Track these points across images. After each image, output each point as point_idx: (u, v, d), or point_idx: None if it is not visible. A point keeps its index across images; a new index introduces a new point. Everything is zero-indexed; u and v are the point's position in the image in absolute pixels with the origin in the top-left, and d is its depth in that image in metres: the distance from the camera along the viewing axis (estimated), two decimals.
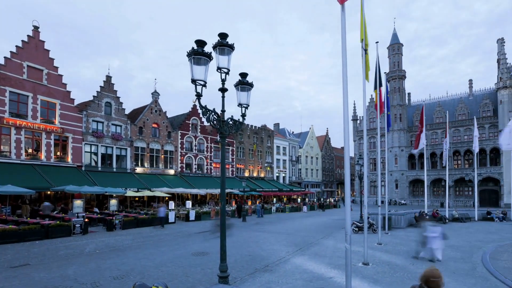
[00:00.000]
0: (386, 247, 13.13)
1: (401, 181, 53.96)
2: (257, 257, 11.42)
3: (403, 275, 8.94)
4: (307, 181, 62.32)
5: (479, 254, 11.59)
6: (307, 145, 63.60)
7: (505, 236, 16.40)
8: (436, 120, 53.04)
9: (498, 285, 7.98)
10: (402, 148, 53.99)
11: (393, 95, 53.54)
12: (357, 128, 61.09)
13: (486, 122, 47.88)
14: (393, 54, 55.30)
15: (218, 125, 6.38)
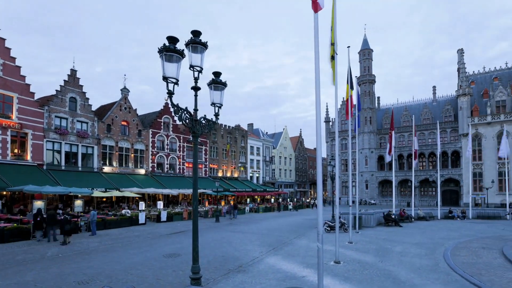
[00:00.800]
0: (356, 246, 13.62)
1: (371, 182, 56.20)
2: (231, 257, 11.40)
3: (372, 272, 9.31)
4: (281, 182, 63.10)
5: (441, 251, 12.36)
6: (281, 146, 64.40)
7: (464, 234, 17.61)
8: (403, 123, 55.81)
9: (457, 279, 8.55)
10: (372, 149, 56.25)
11: (363, 98, 55.64)
12: (330, 130, 62.75)
13: (448, 126, 51.15)
14: (363, 59, 57.49)
15: (191, 124, 6.30)
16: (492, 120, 44.51)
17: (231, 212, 29.23)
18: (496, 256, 11.20)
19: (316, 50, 6.27)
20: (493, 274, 8.88)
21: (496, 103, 45.58)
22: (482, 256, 11.27)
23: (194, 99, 6.44)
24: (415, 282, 8.27)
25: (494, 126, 44.42)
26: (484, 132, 45.16)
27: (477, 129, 45.31)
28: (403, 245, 13.77)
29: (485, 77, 49.83)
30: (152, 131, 35.76)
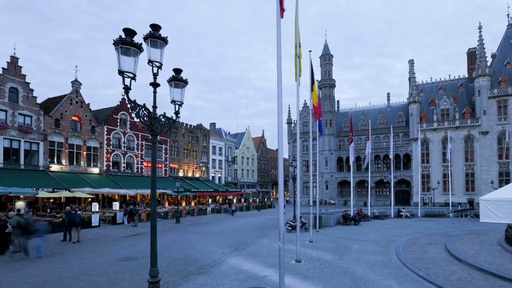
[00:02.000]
0: (317, 245, 14.10)
1: (331, 182, 58.58)
2: (192, 259, 11.17)
3: (332, 269, 9.70)
4: (243, 182, 63.28)
5: (394, 247, 13.25)
6: (243, 146, 64.62)
7: (414, 231, 19.06)
8: (360, 127, 59.01)
9: (408, 273, 9.23)
10: (332, 151, 58.66)
11: (324, 101, 57.84)
12: (291, 131, 64.25)
13: (400, 131, 55.11)
14: (324, 64, 59.80)
15: (149, 122, 6.06)
16: (438, 126, 48.79)
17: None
18: (440, 251, 12.28)
19: (278, 54, 6.47)
20: (438, 267, 9.72)
21: (441, 111, 50.05)
22: (429, 251, 12.28)
23: (153, 95, 6.20)
24: (370, 278, 8.76)
25: (439, 132, 48.71)
26: (431, 137, 49.32)
27: (425, 134, 49.35)
28: (360, 243, 14.53)
29: (432, 87, 54.48)
30: (108, 128, 33.82)
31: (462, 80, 52.67)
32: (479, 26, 47.00)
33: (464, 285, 7.92)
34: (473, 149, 46.54)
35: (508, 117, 44.31)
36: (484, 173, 45.31)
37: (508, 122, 44.11)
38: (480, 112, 45.69)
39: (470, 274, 8.93)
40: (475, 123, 46.20)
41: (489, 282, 8.20)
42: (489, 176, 44.68)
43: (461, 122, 47.30)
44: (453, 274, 8.93)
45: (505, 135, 43.23)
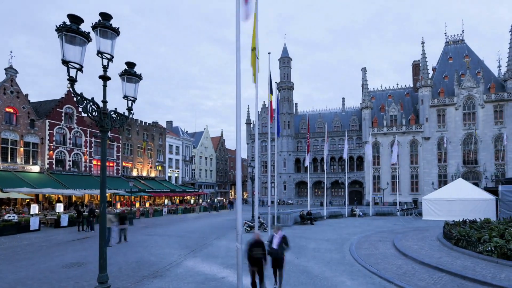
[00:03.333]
0: None
1: (289, 183, 60.06)
2: (146, 263, 10.68)
3: (289, 268, 9.91)
4: (201, 182, 62.28)
5: (347, 245, 13.95)
6: (202, 146, 63.62)
7: (365, 229, 20.26)
8: (317, 129, 61.39)
9: (360, 269, 9.78)
10: (290, 152, 60.20)
11: (282, 103, 59.16)
12: (250, 132, 64.68)
13: (354, 134, 58.40)
14: (283, 67, 61.23)
15: (98, 117, 5.68)
16: (387, 131, 52.62)
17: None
18: (389, 247, 13.20)
19: (237, 55, 6.49)
20: (387, 263, 10.44)
21: (390, 117, 54.07)
22: (379, 248, 13.14)
23: (103, 89, 5.82)
24: (326, 275, 9.12)
25: (388, 136, 52.52)
26: (381, 141, 52.96)
27: (376, 138, 52.86)
28: (316, 242, 15.07)
29: (382, 94, 58.59)
30: (50, 122, 31.02)
31: (408, 89, 57.35)
32: (422, 41, 51.72)
33: (409, 278, 8.59)
34: (417, 152, 50.89)
35: (446, 124, 49.23)
36: (426, 175, 49.79)
37: (446, 130, 49.03)
38: (423, 119, 50.14)
39: (414, 268, 9.72)
40: (419, 129, 50.57)
41: (429, 274, 8.99)
42: (431, 177, 49.22)
43: (407, 128, 51.45)
44: (399, 268, 9.65)
45: (443, 141, 48.10)
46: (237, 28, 6.59)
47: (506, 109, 46.88)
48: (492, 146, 47.18)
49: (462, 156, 48.38)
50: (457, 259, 10.37)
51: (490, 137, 47.23)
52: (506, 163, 46.38)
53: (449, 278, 8.52)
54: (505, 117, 46.80)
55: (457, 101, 48.61)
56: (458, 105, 48.68)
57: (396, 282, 8.19)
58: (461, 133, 48.48)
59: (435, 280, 8.42)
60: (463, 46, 53.97)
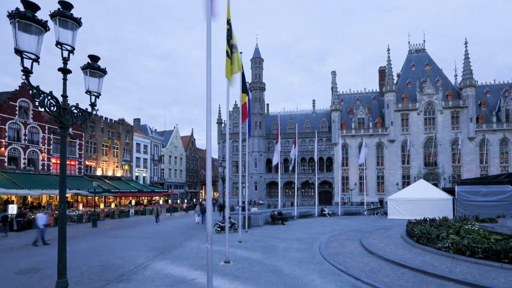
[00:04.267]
0: (246, 245, 14.32)
1: (260, 183, 60.37)
2: (111, 266, 10.22)
3: (260, 268, 9.95)
4: (170, 182, 60.86)
5: (317, 244, 14.26)
6: (171, 145, 62.22)
7: (334, 228, 20.84)
8: (288, 130, 62.34)
9: (329, 268, 10.03)
10: (261, 153, 60.54)
11: (254, 104, 59.44)
12: (221, 131, 64.29)
13: (324, 136, 60.00)
14: (255, 67, 61.52)
15: (57, 112, 5.36)
16: (355, 133, 54.66)
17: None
18: (356, 246, 13.68)
19: (208, 54, 6.45)
20: (354, 260, 10.80)
21: (358, 120, 56.22)
22: (347, 246, 13.57)
23: (63, 83, 5.50)
24: (296, 274, 9.26)
25: (356, 138, 54.56)
26: (350, 143, 54.88)
27: (345, 140, 54.71)
28: (287, 242, 15.26)
29: (351, 97, 60.77)
30: (2, 117, 28.76)
31: (375, 93, 59.94)
32: (388, 49, 54.51)
33: (374, 275, 8.95)
34: (383, 154, 53.34)
35: (409, 128, 52.12)
36: (391, 176, 52.33)
37: (409, 133, 51.92)
38: (389, 123, 52.69)
39: (379, 265, 10.14)
40: (385, 132, 53.05)
41: (393, 270, 9.43)
42: (395, 178, 51.80)
43: (374, 131, 53.75)
44: (366, 266, 10.03)
45: (407, 144, 50.93)
46: (208, 25, 6.52)
47: (461, 115, 50.56)
48: (449, 150, 50.66)
49: (424, 158, 51.47)
50: (419, 256, 10.98)
51: (448, 141, 50.69)
52: (461, 165, 50.01)
53: (411, 274, 8.99)
54: (461, 123, 50.47)
55: (419, 107, 51.63)
56: (420, 110, 51.71)
57: (363, 279, 8.49)
58: (422, 136, 51.53)
59: (398, 275, 8.84)
60: (424, 55, 57.47)
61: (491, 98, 53.24)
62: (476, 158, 50.15)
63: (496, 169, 48.48)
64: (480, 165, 49.96)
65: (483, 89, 53.68)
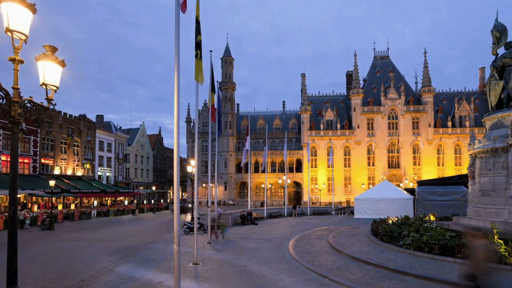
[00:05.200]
0: (215, 245, 14.17)
1: (230, 183, 60.16)
2: (69, 272, 9.64)
3: (230, 269, 9.90)
4: (136, 182, 58.77)
5: (286, 244, 14.45)
6: (137, 143, 60.11)
7: (304, 228, 21.20)
8: (259, 130, 62.80)
9: (298, 267, 10.21)
10: (231, 153, 60.39)
11: (224, 103, 59.22)
12: (191, 130, 63.23)
13: (294, 137, 61.18)
14: (225, 66, 61.30)
15: (7, 106, 4.97)
16: (324, 135, 56.33)
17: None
18: (325, 245, 14.05)
19: (176, 50, 6.35)
20: (323, 259, 11.09)
21: (326, 122, 57.97)
22: (315, 245, 13.89)
23: (14, 74, 5.10)
24: (265, 274, 9.32)
25: (325, 139, 56.23)
26: (318, 144, 56.41)
27: (314, 141, 56.13)
28: (256, 242, 15.32)
29: (320, 99, 62.46)
30: None
31: (342, 96, 62.11)
32: (355, 54, 56.90)
33: (342, 272, 9.25)
34: (350, 156, 55.43)
35: (374, 131, 54.66)
36: (357, 177, 54.51)
37: (374, 135, 54.46)
38: (355, 125, 54.87)
39: (346, 262, 10.50)
40: (352, 134, 55.16)
41: (359, 267, 9.81)
42: (361, 179, 54.02)
43: (341, 133, 55.70)
44: (334, 264, 10.33)
45: (372, 146, 53.35)
46: (176, 21, 6.42)
47: (421, 120, 53.95)
48: (411, 152, 53.80)
49: (387, 160, 54.18)
50: (383, 253, 11.51)
51: (409, 144, 53.80)
52: (421, 167, 53.33)
53: (376, 270, 9.40)
54: (421, 127, 53.83)
55: (383, 111, 54.32)
56: (384, 114, 54.41)
57: (330, 277, 8.74)
58: (386, 139, 54.23)
59: (364, 273, 9.20)
60: (388, 61, 60.62)
61: (446, 104, 57.36)
62: (434, 160, 53.74)
63: (451, 171, 52.26)
64: (438, 167, 53.62)
65: (440, 97, 57.65)
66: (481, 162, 13.05)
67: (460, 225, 13.38)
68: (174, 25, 6.49)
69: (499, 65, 13.20)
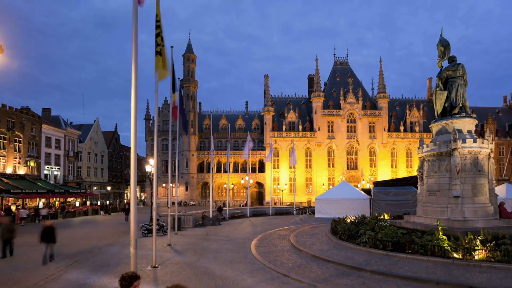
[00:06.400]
0: (175, 247, 13.82)
1: (191, 184, 58.99)
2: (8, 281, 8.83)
3: (191, 271, 9.72)
4: (90, 182, 55.30)
5: (249, 244, 14.50)
6: (91, 140, 56.55)
7: (266, 228, 21.35)
8: (221, 130, 62.45)
9: (260, 267, 10.31)
10: (192, 152, 59.29)
11: (186, 101, 58.10)
12: (150, 128, 61.06)
13: (256, 137, 61.72)
14: (187, 63, 60.17)
15: None
16: (286, 136, 57.57)
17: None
18: (287, 244, 14.33)
19: (134, 44, 6.14)
20: (284, 258, 11.31)
21: (288, 123, 59.26)
22: (277, 245, 14.11)
23: None
24: (227, 275, 9.28)
25: (287, 140, 57.45)
26: (281, 145, 57.45)
27: (276, 141, 57.07)
28: (218, 243, 15.19)
29: (282, 101, 63.59)
30: None
31: (304, 99, 63.87)
32: (316, 58, 59.08)
33: (302, 271, 9.50)
34: (311, 157, 57.19)
35: (334, 133, 57.05)
36: (318, 177, 56.40)
37: (334, 138, 56.81)
38: (316, 127, 56.81)
39: (307, 261, 10.81)
40: (313, 136, 57.01)
41: (319, 265, 10.16)
42: (322, 179, 55.99)
43: (303, 134, 57.32)
44: (295, 263, 10.58)
45: (332, 148, 55.60)
46: (134, 13, 6.18)
47: (377, 124, 57.39)
48: (367, 154, 56.91)
49: (346, 162, 56.79)
50: (341, 251, 12.02)
51: (366, 147, 56.87)
52: (377, 168, 56.67)
53: (335, 268, 9.79)
54: (376, 131, 57.25)
55: (342, 114, 56.91)
56: (343, 117, 57.00)
57: (292, 276, 8.94)
58: (345, 141, 56.82)
59: (323, 270, 9.54)
60: (347, 67, 63.67)
61: (399, 111, 61.57)
62: (389, 163, 57.39)
63: (403, 173, 56.17)
64: (392, 169, 57.34)
65: (394, 103, 61.65)
66: (428, 164, 14.21)
67: (411, 223, 14.43)
68: (132, 18, 6.21)
69: (443, 76, 14.60)
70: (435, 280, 8.07)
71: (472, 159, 13.03)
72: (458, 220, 12.37)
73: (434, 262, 9.82)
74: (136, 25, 6.23)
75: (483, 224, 12.01)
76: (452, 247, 10.12)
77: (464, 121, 13.72)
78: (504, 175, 56.07)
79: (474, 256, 9.72)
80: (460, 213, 12.52)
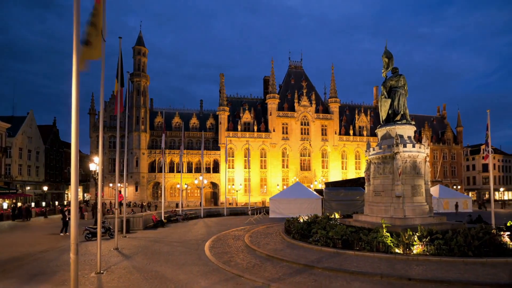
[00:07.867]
0: (123, 251, 13.09)
1: (142, 184, 56.33)
2: None
3: (140, 276, 9.29)
4: (21, 181, 49.96)
5: (202, 246, 14.27)
6: (23, 134, 51.02)
7: (220, 229, 21.18)
8: (174, 129, 60.68)
9: (215, 268, 10.20)
10: (143, 151, 56.70)
11: (136, 97, 55.49)
12: (95, 123, 57.14)
13: (211, 137, 61.09)
14: (138, 57, 57.41)
15: None
16: (241, 136, 57.81)
17: None
18: (241, 244, 14.36)
19: (76, 35, 5.71)
20: (239, 259, 11.33)
21: (244, 123, 59.57)
22: (232, 246, 14.08)
23: None
24: (180, 278, 9.04)
25: (242, 141, 57.70)
26: (236, 145, 57.52)
27: (231, 141, 57.02)
28: (170, 245, 14.71)
29: (238, 101, 63.60)
30: None
31: (260, 100, 64.70)
32: (272, 60, 60.33)
33: (257, 270, 9.62)
34: (266, 157, 58.11)
35: (289, 135, 58.66)
36: (273, 178, 57.45)
37: (289, 139, 58.42)
38: (271, 129, 57.93)
39: (262, 261, 10.95)
40: (268, 137, 58.00)
41: (274, 264, 10.36)
42: (276, 180, 57.13)
43: (258, 135, 58.02)
44: (249, 263, 10.66)
45: (286, 149, 57.10)
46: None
47: (329, 127, 60.26)
48: (320, 156, 59.43)
49: (300, 163, 58.69)
50: (294, 250, 12.39)
51: (319, 148, 59.37)
52: (329, 170, 59.44)
53: (288, 267, 10.06)
54: (328, 134, 60.09)
55: (296, 116, 58.78)
56: (297, 119, 58.88)
57: (246, 276, 8.99)
58: (299, 143, 58.71)
59: (278, 269, 9.75)
60: (301, 71, 65.96)
61: (349, 115, 65.29)
62: (339, 164, 60.52)
63: (352, 174, 59.59)
64: (342, 170, 60.54)
65: (344, 108, 65.20)
66: (374, 167, 15.32)
67: (359, 221, 15.37)
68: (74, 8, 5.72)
69: (387, 85, 15.97)
70: (379, 274, 8.74)
71: (411, 162, 14.30)
72: (400, 218, 13.50)
73: (379, 258, 10.61)
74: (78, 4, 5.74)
75: (420, 221, 13.27)
76: (394, 243, 11.02)
77: (405, 127, 15.05)
78: (437, 177, 62.75)
79: (413, 250, 10.70)
80: (401, 211, 13.68)
